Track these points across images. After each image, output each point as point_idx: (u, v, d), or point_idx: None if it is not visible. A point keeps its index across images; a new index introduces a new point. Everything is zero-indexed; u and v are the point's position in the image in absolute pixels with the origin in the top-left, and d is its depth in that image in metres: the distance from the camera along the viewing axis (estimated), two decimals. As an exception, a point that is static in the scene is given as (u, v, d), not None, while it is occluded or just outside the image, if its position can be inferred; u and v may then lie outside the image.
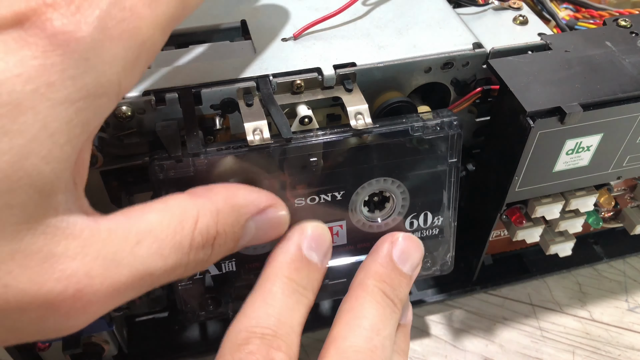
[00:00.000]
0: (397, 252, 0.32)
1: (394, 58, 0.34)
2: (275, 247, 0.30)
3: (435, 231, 0.37)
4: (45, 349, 0.36)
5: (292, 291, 0.28)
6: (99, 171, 0.32)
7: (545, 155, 0.34)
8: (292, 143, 0.30)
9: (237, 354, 0.26)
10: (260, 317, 0.27)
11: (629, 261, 0.50)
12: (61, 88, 0.19)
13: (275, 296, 0.28)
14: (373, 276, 0.31)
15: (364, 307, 0.29)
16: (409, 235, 0.33)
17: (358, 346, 0.28)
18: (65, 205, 0.21)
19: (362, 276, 0.31)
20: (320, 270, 0.30)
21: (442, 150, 0.33)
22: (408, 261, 0.32)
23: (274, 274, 0.29)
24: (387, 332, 0.29)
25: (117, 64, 0.21)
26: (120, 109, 0.30)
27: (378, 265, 0.31)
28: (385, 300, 0.30)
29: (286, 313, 0.27)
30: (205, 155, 0.29)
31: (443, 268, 0.38)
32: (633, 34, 0.37)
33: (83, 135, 0.21)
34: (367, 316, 0.29)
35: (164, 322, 0.44)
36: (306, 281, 0.29)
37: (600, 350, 0.44)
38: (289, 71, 0.33)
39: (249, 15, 0.37)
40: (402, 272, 0.32)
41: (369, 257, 0.32)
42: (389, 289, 0.30)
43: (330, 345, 0.28)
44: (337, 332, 0.29)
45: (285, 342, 0.27)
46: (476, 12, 0.39)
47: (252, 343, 0.26)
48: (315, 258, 0.30)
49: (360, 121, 0.31)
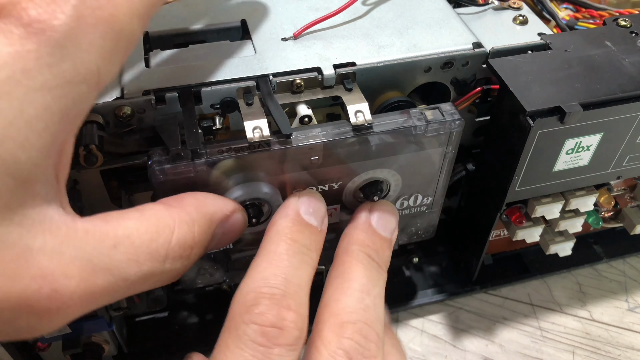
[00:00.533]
0: (374, 218, 0.33)
1: (394, 58, 0.34)
2: (275, 215, 0.30)
3: (424, 208, 0.38)
4: (45, 349, 0.36)
5: (296, 251, 0.28)
6: (99, 171, 0.32)
7: (545, 155, 0.34)
8: (292, 141, 0.30)
9: (247, 315, 0.26)
10: (268, 277, 0.27)
11: (629, 261, 0.50)
12: (37, 75, 0.19)
13: (280, 257, 0.28)
14: (356, 242, 0.31)
15: (351, 271, 0.30)
16: (383, 202, 0.35)
17: (351, 307, 0.28)
18: (45, 197, 0.20)
19: (345, 243, 0.32)
20: (321, 234, 0.31)
21: (440, 143, 0.33)
22: (386, 226, 0.33)
23: (277, 237, 0.29)
24: (376, 291, 0.30)
25: (95, 51, 0.21)
26: (120, 108, 0.30)
27: (359, 232, 0.32)
28: (371, 263, 0.31)
29: (293, 272, 0.28)
30: (204, 153, 0.29)
31: (426, 233, 0.40)
32: (633, 34, 0.37)
33: (63, 124, 0.20)
34: (356, 278, 0.29)
35: (164, 322, 0.44)
36: (309, 241, 0.29)
37: (600, 350, 0.44)
38: (289, 71, 0.33)
39: (249, 15, 0.37)
40: (382, 236, 0.32)
41: (349, 226, 0.33)
42: (372, 252, 0.31)
43: (324, 310, 0.28)
44: (328, 297, 0.29)
45: (295, 300, 0.27)
46: (476, 12, 0.39)
47: (261, 304, 0.26)
48: (313, 221, 0.30)
49: (360, 118, 0.31)
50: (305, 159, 0.31)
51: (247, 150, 0.30)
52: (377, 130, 0.31)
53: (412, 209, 0.37)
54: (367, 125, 0.31)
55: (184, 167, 0.29)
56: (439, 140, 0.33)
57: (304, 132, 0.31)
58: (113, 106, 0.30)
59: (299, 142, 0.30)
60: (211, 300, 0.45)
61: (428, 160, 0.34)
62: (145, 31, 0.36)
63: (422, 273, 0.48)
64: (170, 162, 0.29)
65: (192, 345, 0.42)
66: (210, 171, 0.30)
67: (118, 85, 0.32)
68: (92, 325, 0.36)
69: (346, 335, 0.27)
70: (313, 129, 0.31)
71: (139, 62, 0.33)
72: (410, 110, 0.33)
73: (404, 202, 0.36)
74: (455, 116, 0.32)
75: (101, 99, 0.31)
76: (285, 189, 0.32)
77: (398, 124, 0.32)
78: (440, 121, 0.32)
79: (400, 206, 0.37)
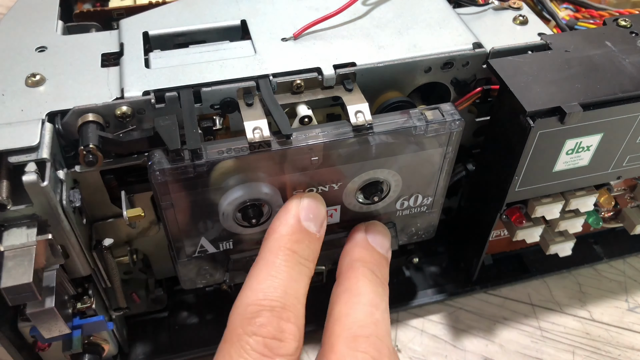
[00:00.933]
0: (371, 237, 0.34)
1: (394, 58, 0.34)
2: (275, 219, 0.31)
3: (424, 208, 0.38)
4: (45, 349, 0.36)
5: (295, 263, 0.29)
6: (99, 171, 0.32)
7: (545, 155, 0.34)
8: (292, 142, 0.30)
9: (249, 327, 0.27)
10: (267, 289, 0.28)
11: (629, 261, 0.50)
12: None
13: (279, 268, 0.29)
14: (359, 259, 0.32)
15: (359, 286, 0.31)
16: (376, 222, 0.36)
17: (362, 321, 0.29)
18: None
19: (348, 260, 0.33)
20: (319, 240, 0.32)
21: (440, 143, 0.33)
22: (383, 244, 0.34)
23: (276, 246, 0.30)
24: (383, 306, 0.31)
25: None
26: (120, 108, 0.30)
27: (360, 249, 0.33)
28: (376, 279, 0.32)
29: (291, 284, 0.29)
30: (204, 154, 0.29)
31: (426, 234, 0.40)
32: (633, 34, 0.37)
33: None
34: (364, 293, 0.30)
35: (164, 322, 0.44)
36: (307, 252, 0.30)
37: (600, 350, 0.44)
38: (289, 71, 0.33)
39: (249, 15, 0.37)
40: (381, 254, 0.34)
41: (348, 244, 0.34)
42: (376, 269, 0.32)
43: (335, 324, 0.29)
44: (338, 311, 0.30)
45: (293, 312, 0.28)
46: (476, 12, 0.39)
47: (262, 315, 0.27)
48: (313, 228, 0.31)
49: (360, 118, 0.31)
50: (306, 159, 0.31)
51: (247, 150, 0.30)
52: (377, 131, 0.31)
53: (412, 209, 0.37)
54: (367, 125, 0.31)
55: (184, 167, 0.29)
56: (439, 141, 0.33)
57: (304, 132, 0.31)
58: (113, 106, 0.30)
59: (299, 142, 0.30)
60: (211, 300, 0.45)
61: (428, 160, 0.34)
62: (145, 31, 0.36)
63: (422, 273, 0.48)
64: (170, 163, 0.29)
65: (192, 345, 0.42)
66: (210, 172, 0.30)
67: (118, 85, 0.32)
68: (92, 325, 0.36)
69: (360, 349, 0.27)
70: (313, 130, 0.31)
71: (139, 63, 0.33)
72: (411, 111, 0.33)
73: (404, 202, 0.36)
74: (455, 116, 0.32)
75: (101, 100, 0.31)
76: (285, 189, 0.32)
77: (398, 124, 0.32)
78: (440, 121, 0.32)
79: (400, 206, 0.37)
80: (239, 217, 0.33)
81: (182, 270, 0.35)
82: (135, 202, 0.34)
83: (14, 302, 0.28)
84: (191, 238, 0.33)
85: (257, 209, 0.32)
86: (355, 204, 0.35)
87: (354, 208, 0.36)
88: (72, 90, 0.32)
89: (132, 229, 0.36)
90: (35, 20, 0.38)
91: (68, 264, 0.32)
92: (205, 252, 0.34)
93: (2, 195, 0.27)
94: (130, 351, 0.42)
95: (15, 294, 0.27)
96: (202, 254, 0.34)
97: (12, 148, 0.28)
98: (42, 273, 0.30)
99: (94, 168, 0.31)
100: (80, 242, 0.32)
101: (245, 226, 0.34)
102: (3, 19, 0.38)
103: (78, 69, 0.33)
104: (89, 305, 0.35)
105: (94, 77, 0.33)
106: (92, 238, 0.34)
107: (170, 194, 0.30)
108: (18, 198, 0.28)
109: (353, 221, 0.36)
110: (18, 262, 0.28)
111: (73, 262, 0.32)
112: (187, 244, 0.33)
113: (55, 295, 0.30)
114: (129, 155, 0.32)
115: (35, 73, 0.32)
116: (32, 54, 0.34)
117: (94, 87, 0.32)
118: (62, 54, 0.34)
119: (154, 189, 0.30)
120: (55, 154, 0.30)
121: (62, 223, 0.30)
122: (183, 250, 0.34)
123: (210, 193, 0.31)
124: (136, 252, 0.38)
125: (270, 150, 0.30)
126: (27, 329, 0.34)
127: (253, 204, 0.32)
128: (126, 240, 0.37)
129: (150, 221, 0.36)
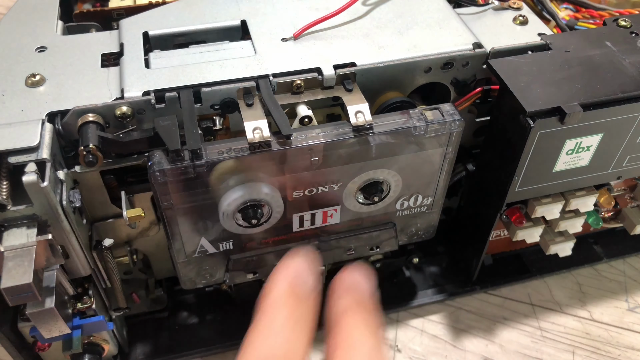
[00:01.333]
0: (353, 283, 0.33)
1: (394, 58, 0.34)
2: (268, 282, 0.30)
3: (424, 208, 0.38)
4: (45, 349, 0.36)
5: (295, 323, 0.29)
6: (99, 171, 0.32)
7: (545, 155, 0.34)
8: (292, 142, 0.30)
9: None
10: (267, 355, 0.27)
11: (629, 261, 0.50)
12: None
13: (277, 332, 0.28)
14: (350, 309, 0.31)
15: (355, 335, 0.30)
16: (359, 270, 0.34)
17: None
18: None
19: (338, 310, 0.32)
20: (316, 297, 0.31)
21: (440, 143, 0.33)
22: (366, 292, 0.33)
23: (271, 310, 0.29)
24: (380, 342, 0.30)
25: None
26: (120, 108, 0.30)
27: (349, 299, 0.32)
28: (370, 327, 0.31)
29: (291, 346, 0.28)
30: (204, 154, 0.29)
31: (426, 234, 0.40)
32: (633, 34, 0.37)
33: None
34: (363, 341, 0.30)
35: (164, 322, 0.44)
36: (305, 312, 0.30)
37: (600, 350, 0.44)
38: (289, 71, 0.33)
39: (249, 15, 0.37)
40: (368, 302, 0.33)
41: (333, 295, 0.33)
42: (367, 316, 0.31)
43: None
44: None
45: None
46: (476, 12, 0.39)
47: None
48: (307, 289, 0.30)
49: (361, 118, 0.31)
50: (306, 159, 0.31)
51: (247, 151, 0.30)
52: (377, 131, 0.31)
53: (412, 210, 0.37)
54: (367, 125, 0.31)
55: (184, 168, 0.29)
56: (439, 141, 0.33)
57: (304, 132, 0.31)
58: (113, 107, 0.30)
59: (299, 142, 0.30)
60: (211, 300, 0.45)
61: (428, 160, 0.34)
62: (145, 31, 0.36)
63: (422, 273, 0.48)
64: (170, 163, 0.29)
65: (192, 345, 0.42)
66: (210, 172, 0.30)
67: (118, 85, 0.32)
68: (92, 326, 0.36)
69: None
70: (313, 130, 0.31)
71: (139, 63, 0.33)
72: (411, 111, 0.33)
73: (404, 202, 0.37)
74: (455, 116, 0.32)
75: (101, 100, 0.31)
76: (285, 189, 0.32)
77: (398, 125, 0.32)
78: (440, 122, 0.32)
79: (400, 206, 0.37)
80: (239, 217, 0.33)
81: (182, 270, 0.35)
82: (135, 202, 0.34)
83: (14, 303, 0.28)
84: (191, 238, 0.33)
85: (257, 209, 0.32)
86: (356, 204, 0.35)
87: (354, 208, 0.36)
88: (72, 91, 0.32)
89: (132, 229, 0.36)
90: (35, 20, 0.38)
91: (68, 264, 0.32)
92: (205, 252, 0.34)
93: (2, 195, 0.27)
94: (130, 351, 0.42)
95: (15, 294, 0.27)
96: (202, 254, 0.34)
97: (12, 148, 0.28)
98: (42, 273, 0.30)
99: (94, 168, 0.31)
100: (80, 242, 0.32)
101: (245, 226, 0.34)
102: (3, 19, 0.38)
103: (78, 69, 0.33)
104: (89, 305, 0.35)
105: (94, 77, 0.33)
106: (92, 238, 0.34)
107: (170, 194, 0.30)
108: (18, 198, 0.28)
109: (353, 221, 0.36)
110: (18, 262, 0.28)
111: (73, 262, 0.32)
112: (187, 244, 0.33)
113: (55, 296, 0.30)
114: (129, 155, 0.32)
115: (35, 73, 0.32)
116: (32, 54, 0.34)
117: (94, 88, 0.32)
118: (62, 54, 0.34)
119: (154, 189, 0.30)
120: (55, 154, 0.30)
121: (62, 223, 0.30)
122: (183, 251, 0.34)
123: (210, 193, 0.31)
124: (136, 252, 0.38)
125: (270, 151, 0.30)
126: (27, 329, 0.34)
127: (253, 204, 0.32)
128: (126, 240, 0.37)
129: (150, 221, 0.36)
